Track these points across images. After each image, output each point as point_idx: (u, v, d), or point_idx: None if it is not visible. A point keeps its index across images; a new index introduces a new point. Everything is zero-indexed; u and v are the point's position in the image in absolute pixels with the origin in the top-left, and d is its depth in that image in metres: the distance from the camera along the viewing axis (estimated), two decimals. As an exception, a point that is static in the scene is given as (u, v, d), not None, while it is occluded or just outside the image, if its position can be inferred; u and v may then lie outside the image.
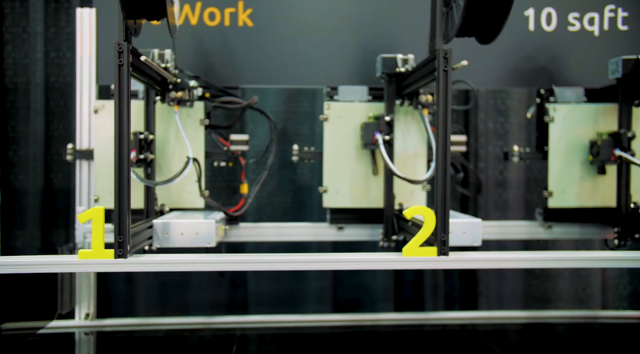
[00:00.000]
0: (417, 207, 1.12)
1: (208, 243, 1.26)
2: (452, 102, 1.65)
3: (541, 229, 1.69)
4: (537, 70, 1.74)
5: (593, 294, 2.25)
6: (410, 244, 1.12)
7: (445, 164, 1.10)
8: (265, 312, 2.15)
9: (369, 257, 1.13)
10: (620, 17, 1.72)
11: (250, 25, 1.67)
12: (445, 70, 1.09)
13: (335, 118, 1.58)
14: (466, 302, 2.23)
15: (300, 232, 1.70)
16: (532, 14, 1.73)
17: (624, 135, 1.49)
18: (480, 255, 1.15)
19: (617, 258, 1.17)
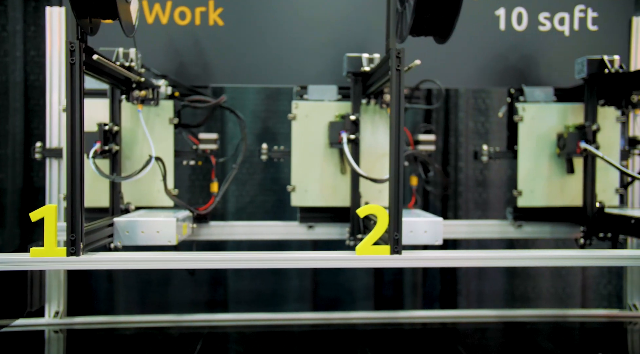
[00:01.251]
0: (370, 206, 1.12)
1: (169, 241, 1.26)
2: (420, 102, 1.67)
3: (512, 228, 1.70)
4: (508, 70, 1.74)
5: (573, 294, 2.25)
6: (363, 242, 1.12)
7: (398, 163, 1.10)
8: (245, 310, 2.17)
9: (321, 256, 1.13)
10: (590, 18, 1.72)
11: (221, 25, 1.68)
12: (398, 70, 1.10)
13: (303, 117, 1.58)
14: (446, 301, 2.23)
15: (271, 231, 1.70)
16: (503, 13, 1.73)
17: (589, 128, 1.49)
18: (432, 254, 1.16)
19: (576, 257, 1.17)
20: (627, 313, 1.75)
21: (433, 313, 1.87)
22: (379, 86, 1.36)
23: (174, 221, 1.26)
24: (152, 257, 1.10)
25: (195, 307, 2.18)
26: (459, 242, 2.21)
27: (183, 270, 2.12)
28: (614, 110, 1.58)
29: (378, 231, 1.12)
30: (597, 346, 1.56)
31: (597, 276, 2.24)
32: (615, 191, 1.61)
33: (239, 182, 2.17)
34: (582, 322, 1.70)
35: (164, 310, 2.13)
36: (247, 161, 2.09)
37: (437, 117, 2.23)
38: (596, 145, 1.50)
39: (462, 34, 1.72)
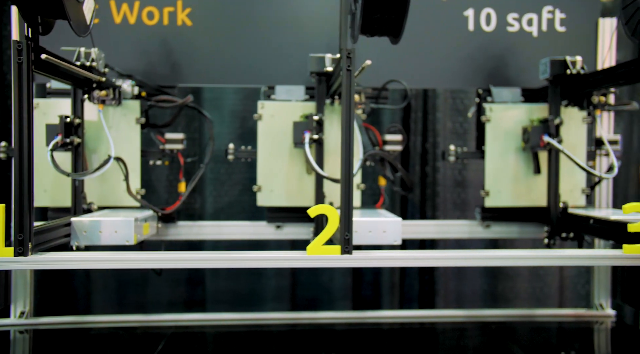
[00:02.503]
0: (321, 206, 1.12)
1: (127, 241, 1.27)
2: (388, 102, 1.68)
3: (480, 229, 1.70)
4: (478, 70, 1.75)
5: (551, 294, 2.26)
6: (314, 243, 1.12)
7: (349, 163, 1.11)
8: (223, 310, 2.17)
9: (271, 255, 1.13)
10: (558, 19, 1.73)
11: (189, 25, 1.68)
12: (348, 70, 1.10)
13: (269, 117, 1.59)
14: (425, 301, 2.24)
15: (239, 231, 1.71)
16: (472, 14, 1.73)
17: (552, 122, 1.50)
18: (383, 254, 1.16)
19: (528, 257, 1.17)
20: (594, 312, 1.75)
21: (403, 313, 1.87)
22: (338, 86, 1.36)
23: (132, 221, 1.26)
24: (102, 258, 1.11)
25: (173, 307, 2.19)
26: (437, 243, 2.22)
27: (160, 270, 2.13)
28: (581, 111, 1.58)
29: (329, 231, 1.12)
30: (563, 345, 1.57)
31: (574, 276, 2.24)
32: (581, 191, 1.61)
33: (218, 183, 2.17)
34: (550, 322, 1.71)
35: (141, 310, 2.14)
36: (226, 162, 2.09)
37: (415, 117, 2.24)
38: (559, 139, 1.50)
39: (432, 34, 1.74)
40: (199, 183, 2.19)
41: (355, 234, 1.28)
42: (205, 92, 2.11)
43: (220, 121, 2.12)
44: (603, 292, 1.75)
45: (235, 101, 2.13)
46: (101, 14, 1.64)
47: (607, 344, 1.61)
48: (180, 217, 2.17)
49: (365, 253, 1.14)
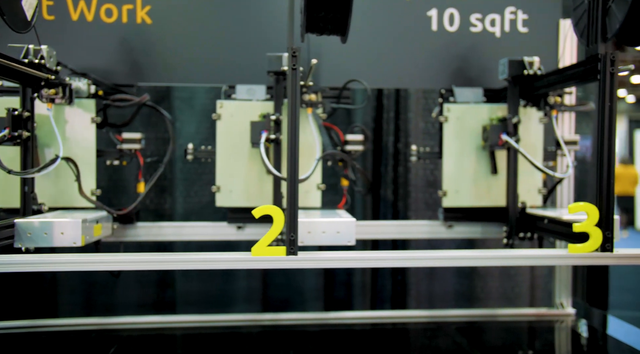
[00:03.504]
0: (266, 207, 1.11)
1: (74, 243, 1.24)
2: (349, 101, 1.67)
3: (443, 229, 1.70)
4: (442, 70, 1.75)
5: (522, 293, 2.27)
6: (259, 243, 1.11)
7: (294, 163, 1.10)
8: (193, 312, 2.15)
9: (215, 257, 1.12)
10: (520, 19, 1.74)
11: (149, 23, 1.66)
12: (294, 68, 1.09)
13: (228, 117, 1.57)
14: (397, 301, 2.24)
15: (200, 231, 1.69)
16: (435, 14, 1.73)
17: (509, 120, 1.50)
18: (329, 255, 1.15)
19: (475, 257, 1.17)
20: (555, 311, 1.76)
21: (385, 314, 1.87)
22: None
23: (79, 222, 1.24)
24: (38, 260, 1.09)
25: (143, 309, 2.16)
26: (409, 244, 2.22)
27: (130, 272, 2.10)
28: (539, 111, 1.59)
29: (274, 232, 1.11)
30: (522, 344, 1.57)
31: (546, 275, 2.26)
32: (538, 191, 1.62)
33: (188, 183, 2.15)
34: (511, 321, 1.71)
35: (109, 313, 2.11)
36: (196, 161, 2.07)
37: (387, 117, 2.24)
38: (517, 138, 1.50)
39: (396, 34, 1.74)
40: (168, 183, 2.17)
41: (309, 235, 1.27)
42: (176, 91, 2.09)
43: (191, 121, 2.10)
44: (564, 291, 1.76)
45: (206, 100, 2.11)
46: (57, 11, 1.61)
47: (567, 342, 1.62)
48: (150, 217, 2.16)
49: (310, 254, 1.13)
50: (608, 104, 1.13)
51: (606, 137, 1.14)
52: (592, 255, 1.15)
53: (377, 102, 2.21)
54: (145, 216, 2.14)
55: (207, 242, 1.78)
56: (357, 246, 2.25)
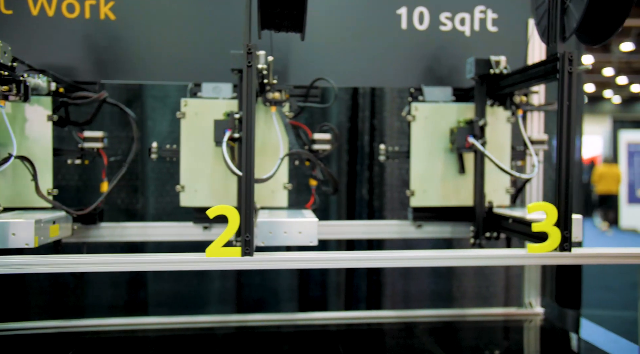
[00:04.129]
0: (220, 207, 1.09)
1: (26, 244, 1.20)
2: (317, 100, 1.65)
3: (412, 228, 1.69)
4: (412, 69, 1.74)
5: (496, 292, 2.27)
6: (213, 244, 1.09)
7: (249, 162, 1.08)
8: (165, 313, 2.12)
9: (168, 258, 1.10)
10: (490, 19, 1.73)
11: (113, 19, 1.62)
12: (249, 66, 1.07)
13: (193, 115, 1.54)
14: (372, 301, 2.23)
15: (165, 232, 1.66)
16: (405, 12, 1.72)
17: (476, 123, 1.50)
18: (285, 255, 1.13)
19: (433, 257, 1.16)
20: (523, 310, 1.76)
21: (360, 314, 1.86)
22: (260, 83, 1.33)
23: (32, 223, 1.20)
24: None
25: (113, 310, 2.12)
26: (384, 244, 2.21)
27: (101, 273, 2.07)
28: (506, 111, 1.58)
29: (228, 232, 1.09)
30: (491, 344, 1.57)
31: (520, 275, 2.26)
32: (505, 191, 1.61)
33: (159, 183, 2.11)
34: (481, 321, 1.71)
35: (79, 315, 2.07)
36: (169, 161, 2.04)
37: (362, 116, 2.23)
38: (483, 140, 1.50)
39: (365, 33, 1.72)
40: (140, 183, 2.13)
41: (270, 235, 1.25)
42: (149, 90, 2.05)
43: (164, 119, 2.07)
44: (533, 291, 1.77)
45: (177, 99, 2.06)
46: (16, 5, 1.56)
47: (535, 342, 1.62)
48: (121, 217, 2.12)
49: (266, 255, 1.12)
50: (567, 103, 1.13)
51: (565, 136, 1.14)
52: (551, 255, 1.14)
53: (352, 101, 2.20)
54: (117, 216, 2.10)
55: (180, 242, 1.75)
56: (332, 246, 2.26)
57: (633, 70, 13.34)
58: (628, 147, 9.46)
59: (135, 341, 1.63)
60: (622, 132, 9.72)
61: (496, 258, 1.15)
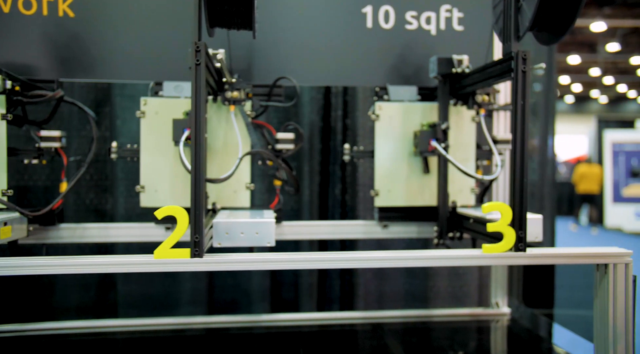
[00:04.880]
0: (169, 207, 1.07)
1: (-27, 245, 1.18)
2: (281, 99, 1.63)
3: (378, 229, 1.68)
4: (378, 68, 1.73)
5: (470, 292, 2.27)
6: (162, 246, 1.07)
7: (198, 161, 1.06)
8: (136, 315, 2.09)
9: (114, 260, 1.07)
10: (455, 18, 1.73)
11: (72, 16, 1.59)
12: (197, 64, 1.05)
13: (153, 114, 1.52)
14: (345, 302, 2.21)
15: (127, 233, 1.63)
16: (370, 11, 1.71)
17: (439, 127, 1.49)
18: (236, 257, 1.11)
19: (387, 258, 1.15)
20: (490, 311, 1.76)
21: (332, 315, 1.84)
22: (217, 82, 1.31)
23: (-22, 224, 1.17)
24: None
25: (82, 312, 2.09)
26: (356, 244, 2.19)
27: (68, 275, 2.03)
28: (470, 110, 1.58)
29: (177, 234, 1.07)
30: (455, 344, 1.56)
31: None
32: (470, 190, 1.61)
33: (130, 183, 2.08)
34: (447, 321, 1.71)
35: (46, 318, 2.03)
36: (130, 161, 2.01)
37: (335, 115, 2.21)
38: (446, 144, 1.49)
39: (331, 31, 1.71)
40: (110, 183, 2.10)
41: (226, 236, 1.24)
42: (118, 89, 2.01)
43: (133, 119, 2.04)
44: (500, 290, 1.77)
45: (147, 97, 2.05)
46: (-31, 2, 1.53)
47: (502, 342, 1.62)
48: (90, 218, 2.09)
49: (217, 257, 1.09)
50: (521, 102, 1.12)
51: (519, 136, 1.13)
52: (505, 255, 1.14)
53: (325, 101, 2.18)
54: (86, 217, 2.06)
55: (149, 243, 1.72)
56: (304, 247, 2.25)
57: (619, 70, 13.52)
58: (613, 146, 9.58)
59: (104, 343, 1.60)
60: (607, 131, 9.83)
61: (449, 259, 1.14)
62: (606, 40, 11.00)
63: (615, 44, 10.88)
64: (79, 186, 2.05)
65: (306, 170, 2.13)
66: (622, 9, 9.23)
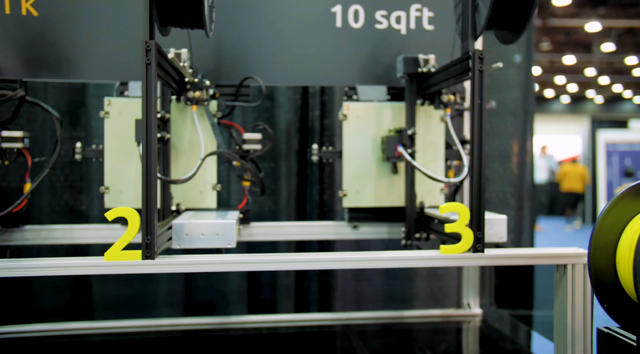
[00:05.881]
0: (119, 209, 1.06)
1: None
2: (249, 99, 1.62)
3: (348, 229, 1.67)
4: (348, 68, 1.71)
5: (449, 293, 2.26)
6: (113, 247, 1.05)
7: (149, 163, 1.04)
8: (112, 317, 2.07)
9: (61, 263, 1.05)
10: (425, 17, 1.71)
11: (35, 15, 1.57)
12: (147, 63, 1.03)
13: (117, 115, 1.50)
14: (324, 303, 2.20)
15: (92, 234, 1.61)
16: (340, 10, 1.70)
17: (405, 132, 1.48)
18: (190, 258, 1.10)
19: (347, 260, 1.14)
20: (461, 312, 1.75)
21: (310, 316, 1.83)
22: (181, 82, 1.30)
23: None
24: None
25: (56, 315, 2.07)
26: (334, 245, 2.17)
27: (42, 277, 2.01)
28: (437, 110, 1.57)
29: (128, 235, 1.05)
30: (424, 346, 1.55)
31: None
32: (440, 191, 1.60)
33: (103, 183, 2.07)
34: (419, 322, 1.69)
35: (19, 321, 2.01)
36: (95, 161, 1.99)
37: (312, 116, 2.20)
38: (412, 150, 1.48)
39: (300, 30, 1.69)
40: (85, 184, 2.08)
41: (186, 237, 1.23)
42: (92, 89, 1.99)
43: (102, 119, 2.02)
44: (471, 291, 1.76)
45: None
46: None
47: (474, 343, 1.61)
48: (64, 219, 2.07)
49: (169, 258, 1.08)
50: (478, 102, 1.11)
51: (476, 136, 1.12)
52: (463, 256, 1.13)
53: (302, 101, 2.17)
54: (60, 218, 2.05)
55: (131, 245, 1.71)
56: (282, 247, 2.23)
57: (615, 70, 13.55)
58: (606, 146, 9.60)
59: (80, 346, 1.58)
60: (600, 131, 9.85)
61: (407, 260, 1.12)
62: (601, 40, 11.02)
63: (611, 44, 10.90)
64: (54, 187, 2.04)
65: (284, 171, 2.12)
66: (617, 9, 9.25)
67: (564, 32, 10.82)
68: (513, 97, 2.30)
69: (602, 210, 0.85)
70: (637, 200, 0.84)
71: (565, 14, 9.60)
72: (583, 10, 9.40)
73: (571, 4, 8.79)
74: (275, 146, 2.11)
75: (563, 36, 11.08)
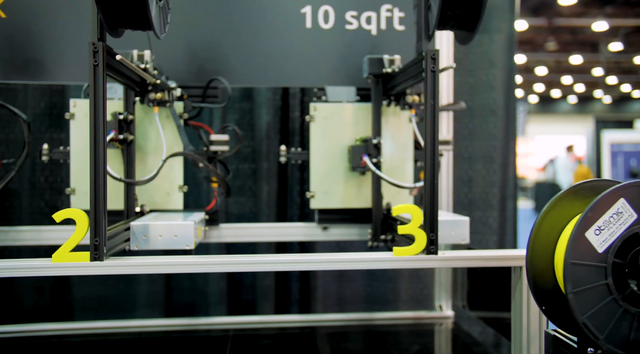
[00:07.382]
0: (68, 210, 1.06)
1: None
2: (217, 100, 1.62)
3: (319, 231, 1.66)
4: (319, 68, 1.71)
5: (430, 295, 2.24)
6: (60, 249, 1.06)
7: (97, 164, 1.05)
8: (92, 318, 2.08)
9: (9, 265, 1.06)
10: (396, 17, 1.70)
11: (3, 17, 1.59)
12: (95, 65, 1.04)
13: (83, 116, 1.51)
14: (305, 304, 2.20)
15: (60, 236, 1.62)
16: (309, 10, 1.69)
17: (370, 142, 1.47)
18: (140, 260, 1.10)
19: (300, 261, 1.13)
20: (433, 314, 1.73)
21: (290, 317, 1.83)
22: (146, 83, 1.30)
23: None
24: None
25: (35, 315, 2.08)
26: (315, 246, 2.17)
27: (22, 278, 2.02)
28: (404, 110, 1.56)
29: (77, 237, 1.06)
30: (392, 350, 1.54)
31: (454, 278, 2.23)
32: (408, 192, 1.59)
33: (83, 185, 2.08)
34: (390, 324, 1.68)
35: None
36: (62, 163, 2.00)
37: (292, 117, 2.20)
38: (377, 160, 1.47)
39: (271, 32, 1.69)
40: (65, 185, 2.09)
41: (144, 238, 1.23)
42: (73, 91, 2.00)
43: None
44: (444, 293, 1.74)
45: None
46: None
47: (447, 345, 1.60)
48: (45, 220, 2.08)
49: (119, 260, 1.08)
50: (431, 102, 1.10)
51: (429, 137, 1.11)
52: (416, 258, 1.11)
53: (282, 102, 2.17)
54: (41, 219, 2.06)
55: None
56: (263, 249, 2.23)
57: (622, 70, 13.40)
58: (611, 147, 9.49)
59: (59, 346, 1.59)
60: (605, 132, 9.74)
61: (360, 262, 1.12)
62: (608, 39, 10.90)
63: (618, 44, 10.78)
64: (34, 188, 2.06)
65: (264, 172, 2.12)
66: (624, 8, 9.15)
67: (571, 32, 10.71)
68: (495, 98, 2.28)
69: (540, 212, 0.83)
70: (576, 201, 0.83)
71: (572, 14, 9.51)
72: (590, 9, 9.30)
73: (577, 3, 8.70)
74: (255, 147, 2.11)
75: (570, 36, 10.97)
